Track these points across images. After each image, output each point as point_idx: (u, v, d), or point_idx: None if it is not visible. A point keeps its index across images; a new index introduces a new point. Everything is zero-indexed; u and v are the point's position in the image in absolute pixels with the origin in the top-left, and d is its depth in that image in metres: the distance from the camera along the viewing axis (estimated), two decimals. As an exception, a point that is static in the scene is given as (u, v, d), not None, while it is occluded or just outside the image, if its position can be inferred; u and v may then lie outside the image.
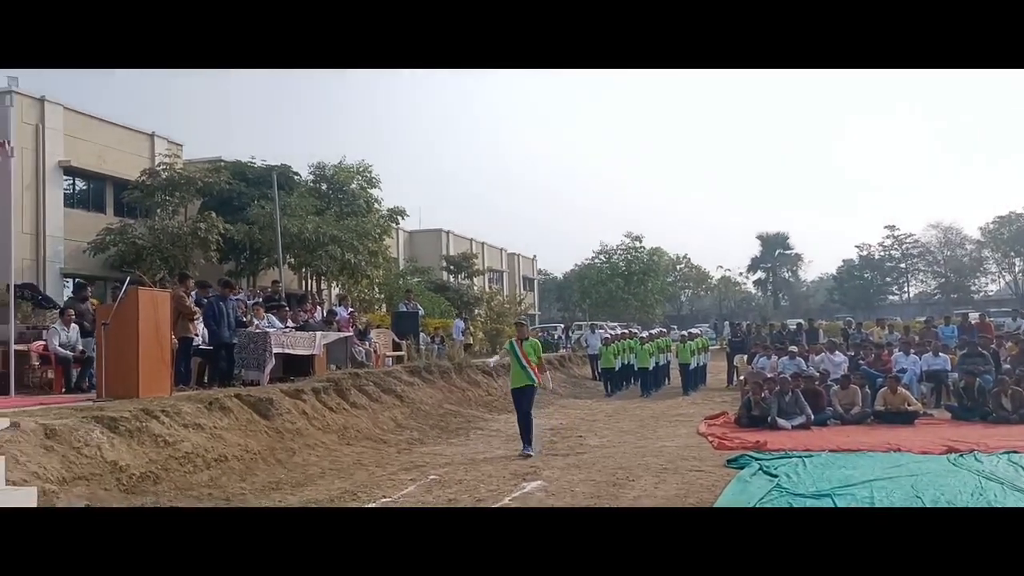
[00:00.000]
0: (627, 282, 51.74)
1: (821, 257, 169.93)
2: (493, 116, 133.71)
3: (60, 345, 11.06)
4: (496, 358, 14.13)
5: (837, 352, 16.34)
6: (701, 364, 21.81)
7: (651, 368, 20.49)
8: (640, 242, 54.01)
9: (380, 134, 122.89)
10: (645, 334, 23.15)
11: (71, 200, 23.04)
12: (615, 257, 54.39)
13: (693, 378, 20.69)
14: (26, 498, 5.84)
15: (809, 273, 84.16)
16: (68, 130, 22.41)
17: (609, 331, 26.12)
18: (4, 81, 21.13)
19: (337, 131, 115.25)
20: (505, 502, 7.35)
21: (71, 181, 23.15)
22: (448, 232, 45.68)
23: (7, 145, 9.85)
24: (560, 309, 69.36)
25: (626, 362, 20.97)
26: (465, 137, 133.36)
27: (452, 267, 40.13)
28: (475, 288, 40.06)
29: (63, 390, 10.88)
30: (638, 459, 9.75)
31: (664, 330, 27.54)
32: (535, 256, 59.64)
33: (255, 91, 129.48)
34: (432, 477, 8.61)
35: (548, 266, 74.13)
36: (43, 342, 11.43)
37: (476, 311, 34.76)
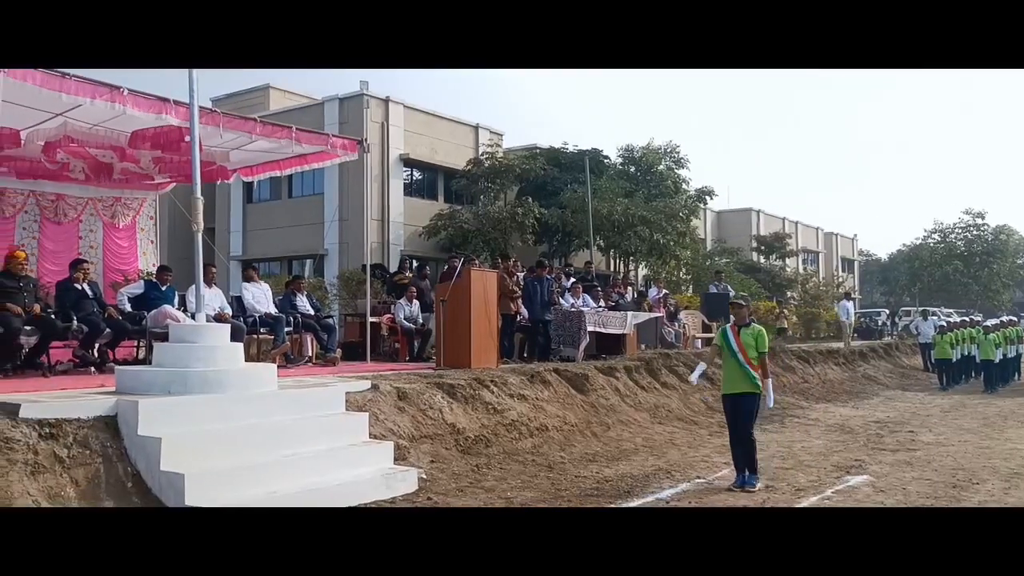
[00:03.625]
0: (967, 264, 46.23)
1: None
2: (812, 95, 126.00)
3: (405, 318, 12.43)
4: (700, 368, 8.01)
5: None
6: (1063, 359, 18.92)
7: (997, 360, 18.19)
8: (983, 219, 47.88)
9: (689, 118, 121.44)
10: (990, 323, 20.60)
11: (409, 189, 25.70)
12: (952, 236, 48.78)
13: (1052, 374, 18.06)
14: (385, 451, 6.70)
15: None
16: (407, 126, 25.00)
17: (944, 318, 23.61)
18: (357, 85, 24.11)
19: (649, 115, 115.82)
20: (827, 494, 6.99)
21: (409, 172, 25.80)
22: (759, 211, 43.95)
23: (364, 143, 11.19)
24: (884, 293, 63.59)
25: (966, 353, 18.81)
26: (781, 114, 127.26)
27: (763, 247, 38.63)
28: (788, 270, 38.28)
29: (407, 358, 12.20)
30: (982, 460, 8.73)
31: (1014, 319, 24.21)
32: (856, 235, 55.37)
33: (566, 81, 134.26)
34: (747, 462, 8.42)
35: (870, 246, 68.50)
36: (391, 315, 12.90)
37: (789, 294, 33.22)
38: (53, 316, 8.54)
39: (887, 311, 41.91)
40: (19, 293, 8.29)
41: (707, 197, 30.86)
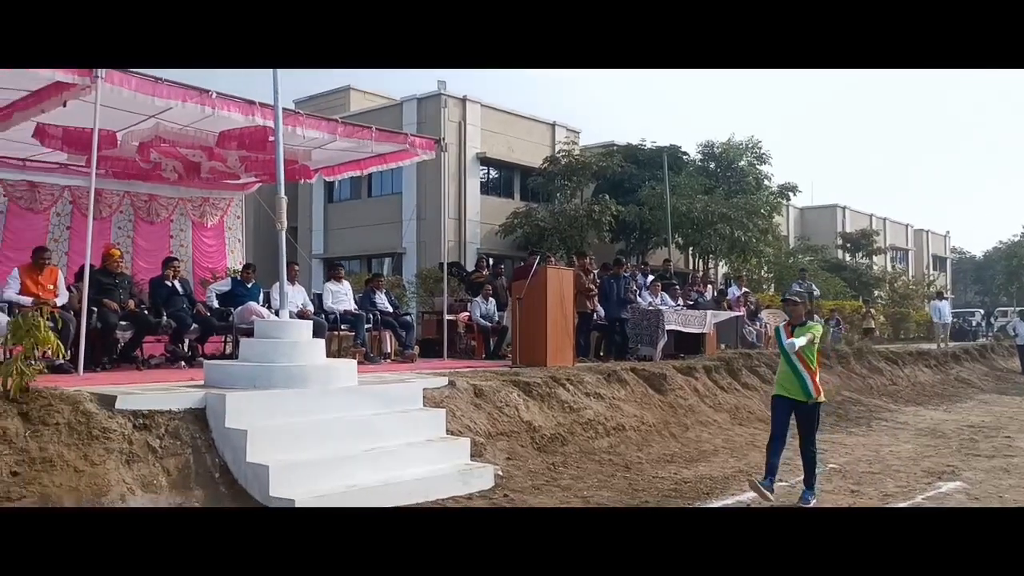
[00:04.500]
0: (1069, 262, 43.83)
1: None
2: (900, 88, 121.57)
3: (481, 316, 12.51)
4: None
5: None
6: None
7: (1103, 364, 17.24)
8: (1087, 214, 45.28)
9: (772, 113, 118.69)
10: (1095, 323, 19.53)
11: (485, 188, 25.84)
12: (1053, 233, 46.27)
13: None
14: (462, 447, 6.74)
15: None
16: (484, 125, 25.14)
17: (1044, 318, 22.50)
18: (435, 85, 24.39)
19: (730, 111, 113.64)
20: (918, 500, 6.72)
21: (486, 170, 25.94)
22: (844, 208, 42.63)
23: (442, 142, 11.31)
24: (978, 292, 61.06)
25: (1068, 356, 17.90)
26: (867, 109, 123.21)
27: (849, 245, 37.43)
28: (875, 268, 37.04)
29: (483, 356, 12.27)
30: (1087, 469, 8.26)
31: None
32: (948, 232, 53.16)
33: (644, 79, 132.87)
34: (832, 466, 8.16)
35: (964, 244, 65.71)
36: (467, 313, 13.00)
37: (876, 293, 32.13)
38: (146, 312, 8.90)
39: (982, 311, 40.19)
40: (115, 290, 8.68)
41: (790, 193, 30.14)
